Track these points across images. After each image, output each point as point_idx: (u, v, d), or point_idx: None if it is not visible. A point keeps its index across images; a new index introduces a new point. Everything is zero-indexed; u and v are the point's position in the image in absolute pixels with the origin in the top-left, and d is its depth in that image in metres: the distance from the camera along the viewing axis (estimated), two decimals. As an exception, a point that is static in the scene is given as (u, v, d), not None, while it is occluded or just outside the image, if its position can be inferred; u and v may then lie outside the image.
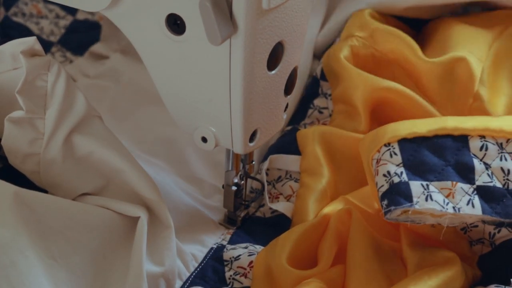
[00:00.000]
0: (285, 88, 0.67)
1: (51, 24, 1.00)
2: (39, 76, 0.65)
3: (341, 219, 0.68)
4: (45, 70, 0.65)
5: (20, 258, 0.57)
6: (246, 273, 0.68)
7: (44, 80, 0.65)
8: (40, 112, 0.65)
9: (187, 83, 0.65)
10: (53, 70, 0.65)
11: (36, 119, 0.65)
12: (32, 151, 0.65)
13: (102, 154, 0.66)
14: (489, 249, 0.66)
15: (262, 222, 0.75)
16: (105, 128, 0.68)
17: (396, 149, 0.63)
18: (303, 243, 0.67)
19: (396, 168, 0.62)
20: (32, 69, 0.64)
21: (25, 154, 0.65)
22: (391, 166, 0.62)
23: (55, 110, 0.65)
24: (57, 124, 0.65)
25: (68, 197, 0.67)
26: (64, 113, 0.65)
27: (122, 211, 0.65)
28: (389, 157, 0.63)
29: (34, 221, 0.60)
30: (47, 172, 0.66)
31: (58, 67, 0.66)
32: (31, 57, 0.65)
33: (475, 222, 0.66)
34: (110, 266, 0.64)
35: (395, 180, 0.61)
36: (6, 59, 0.66)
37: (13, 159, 0.66)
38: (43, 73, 0.65)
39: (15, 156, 0.66)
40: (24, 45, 0.65)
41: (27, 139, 0.65)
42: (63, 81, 0.65)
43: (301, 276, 0.64)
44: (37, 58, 0.65)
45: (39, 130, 0.65)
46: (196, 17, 0.59)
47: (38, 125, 0.65)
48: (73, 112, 0.66)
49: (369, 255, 0.65)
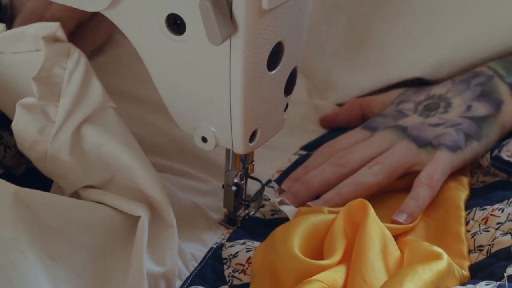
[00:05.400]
0: (285, 88, 0.67)
1: None
2: (58, 63, 0.64)
3: (352, 213, 0.67)
4: (64, 57, 0.65)
5: (20, 258, 0.57)
6: (244, 270, 0.68)
7: (62, 67, 0.65)
8: (54, 100, 0.64)
9: (187, 83, 0.65)
10: (73, 58, 0.65)
11: (49, 106, 0.64)
12: (41, 138, 0.65)
13: (110, 148, 0.65)
14: (484, 257, 0.67)
15: (262, 223, 0.75)
16: (118, 120, 0.67)
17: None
18: (313, 234, 0.67)
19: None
20: (51, 56, 0.64)
21: (33, 141, 0.65)
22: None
23: (69, 99, 0.64)
24: (69, 114, 0.65)
25: (72, 188, 0.67)
26: (78, 103, 0.65)
27: (124, 209, 0.65)
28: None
29: (34, 221, 0.60)
30: (53, 161, 0.66)
31: (79, 54, 0.65)
32: (52, 43, 0.64)
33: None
34: (111, 265, 0.63)
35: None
36: (29, 39, 0.65)
37: (21, 144, 0.66)
38: (63, 60, 0.65)
39: (24, 141, 0.65)
40: (47, 30, 0.64)
41: (37, 126, 0.65)
42: (82, 70, 0.65)
43: (312, 266, 0.63)
44: (58, 45, 0.64)
45: (50, 118, 0.65)
46: (196, 17, 0.59)
47: (50, 112, 0.64)
48: (87, 102, 0.65)
49: (378, 252, 0.64)
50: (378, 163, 0.77)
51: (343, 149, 0.81)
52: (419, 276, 0.60)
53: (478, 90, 0.81)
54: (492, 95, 0.80)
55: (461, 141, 0.77)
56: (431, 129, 0.79)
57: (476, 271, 0.66)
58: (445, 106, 0.81)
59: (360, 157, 0.78)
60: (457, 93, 0.82)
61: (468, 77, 0.83)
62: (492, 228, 0.69)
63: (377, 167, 0.76)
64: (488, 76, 0.82)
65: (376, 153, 0.78)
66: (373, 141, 0.80)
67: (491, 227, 0.69)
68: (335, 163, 0.78)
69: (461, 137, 0.77)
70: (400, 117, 0.82)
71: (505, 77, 0.81)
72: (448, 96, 0.82)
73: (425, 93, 0.85)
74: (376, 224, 0.65)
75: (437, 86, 0.85)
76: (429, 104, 0.82)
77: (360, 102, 0.89)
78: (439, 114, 0.81)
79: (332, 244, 0.66)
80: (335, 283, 0.62)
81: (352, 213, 0.67)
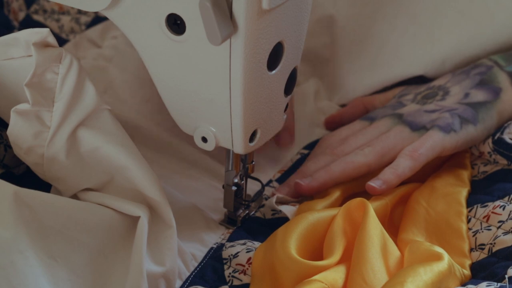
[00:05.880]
0: (285, 88, 0.67)
1: (72, 21, 1.00)
2: (50, 68, 0.64)
3: (351, 211, 0.67)
4: (56, 62, 0.64)
5: (20, 258, 0.57)
6: (245, 270, 0.68)
7: (55, 72, 0.64)
8: (48, 105, 0.64)
9: (187, 83, 0.65)
10: (65, 62, 0.64)
11: (43, 111, 0.64)
12: (36, 143, 0.65)
13: (107, 150, 0.65)
14: (485, 256, 0.67)
15: (262, 223, 0.75)
16: (114, 122, 0.67)
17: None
18: (310, 234, 0.67)
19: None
20: (43, 62, 0.63)
21: (29, 146, 0.65)
22: None
23: (63, 104, 0.64)
24: (64, 118, 0.64)
25: (70, 191, 0.67)
26: (72, 107, 0.65)
27: (123, 210, 0.65)
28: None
29: (33, 221, 0.60)
30: (50, 166, 0.66)
31: (71, 59, 0.65)
32: (43, 49, 0.64)
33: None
34: (110, 265, 0.63)
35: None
36: (21, 45, 0.65)
37: (17, 150, 0.66)
38: (55, 65, 0.64)
39: (20, 147, 0.65)
40: (37, 36, 0.64)
41: (32, 132, 0.64)
42: (74, 74, 0.64)
43: (310, 267, 0.63)
44: (49, 50, 0.64)
45: (45, 123, 0.65)
46: (196, 17, 0.59)
47: (44, 118, 0.64)
48: (81, 106, 0.65)
49: (378, 252, 0.64)
50: (370, 145, 0.76)
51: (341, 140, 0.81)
52: (420, 277, 0.60)
53: (477, 79, 0.80)
54: (491, 83, 0.80)
55: (456, 124, 0.76)
56: (426, 115, 0.78)
57: (477, 270, 0.66)
58: (443, 94, 0.81)
59: (355, 146, 0.78)
60: (455, 83, 0.82)
61: (468, 68, 0.83)
62: (493, 226, 0.69)
63: (368, 148, 0.76)
64: (487, 66, 0.81)
65: (371, 140, 0.78)
66: (369, 129, 0.80)
67: (493, 225, 0.69)
68: (329, 153, 0.78)
69: (456, 121, 0.76)
70: (398, 107, 0.82)
71: (505, 66, 0.81)
72: (447, 86, 0.82)
73: (426, 85, 0.85)
74: (376, 224, 0.65)
75: (438, 79, 0.85)
76: (427, 94, 0.82)
77: (364, 100, 0.89)
78: (436, 101, 0.80)
79: (331, 244, 0.66)
80: (335, 283, 0.62)
81: (351, 212, 0.67)
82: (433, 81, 0.85)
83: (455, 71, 0.84)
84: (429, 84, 0.84)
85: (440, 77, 0.85)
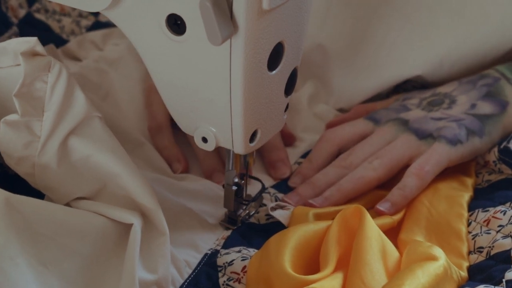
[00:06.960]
0: (286, 88, 0.67)
1: (73, 23, 1.00)
2: (39, 78, 0.64)
3: (347, 219, 0.67)
4: (45, 71, 0.64)
5: (10, 265, 0.56)
6: (239, 279, 0.67)
7: (44, 81, 0.64)
8: (38, 114, 0.64)
9: (187, 83, 0.65)
10: (53, 71, 0.64)
11: (33, 121, 0.64)
12: (27, 153, 0.64)
13: (98, 158, 0.65)
14: (483, 258, 0.67)
15: (257, 229, 0.74)
16: (104, 129, 0.66)
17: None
18: (305, 247, 0.66)
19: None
20: (31, 72, 0.63)
21: (20, 157, 0.64)
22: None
23: (53, 113, 0.64)
24: (54, 127, 0.64)
25: (63, 200, 0.66)
26: (62, 116, 0.64)
27: (116, 217, 0.64)
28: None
29: (25, 228, 0.59)
30: (42, 175, 0.65)
31: (59, 67, 0.64)
32: (31, 58, 0.64)
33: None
34: (103, 273, 0.63)
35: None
36: (9, 54, 0.65)
37: (8, 160, 0.65)
38: (44, 74, 0.64)
39: (10, 157, 0.65)
40: (26, 45, 0.64)
41: (22, 142, 0.64)
42: (64, 82, 0.64)
43: (304, 281, 0.63)
44: (37, 59, 0.64)
45: (35, 133, 0.64)
46: (197, 17, 0.59)
47: (34, 127, 0.64)
48: (71, 115, 0.64)
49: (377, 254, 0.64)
50: (378, 157, 0.77)
51: (344, 139, 0.81)
52: (418, 280, 0.60)
53: (484, 90, 0.81)
54: (498, 96, 0.80)
55: (462, 135, 0.76)
56: (433, 122, 0.79)
57: (475, 272, 0.66)
58: (449, 102, 0.81)
59: (362, 157, 0.78)
60: (462, 92, 0.82)
61: (475, 78, 0.83)
62: (493, 230, 0.69)
63: (376, 161, 0.76)
64: (495, 78, 0.82)
65: (378, 149, 0.78)
66: (374, 138, 0.80)
67: (492, 229, 0.69)
68: (338, 165, 0.79)
69: (463, 132, 0.77)
70: (403, 111, 0.82)
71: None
72: (453, 94, 0.82)
73: (431, 91, 0.85)
74: (373, 227, 0.65)
75: (443, 85, 0.85)
76: (433, 100, 0.82)
77: (366, 107, 0.89)
78: (442, 109, 0.81)
79: (326, 254, 0.65)
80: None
81: (347, 220, 0.67)
82: (438, 87, 0.85)
83: (462, 79, 0.84)
84: (434, 90, 0.84)
85: (446, 84, 0.85)
